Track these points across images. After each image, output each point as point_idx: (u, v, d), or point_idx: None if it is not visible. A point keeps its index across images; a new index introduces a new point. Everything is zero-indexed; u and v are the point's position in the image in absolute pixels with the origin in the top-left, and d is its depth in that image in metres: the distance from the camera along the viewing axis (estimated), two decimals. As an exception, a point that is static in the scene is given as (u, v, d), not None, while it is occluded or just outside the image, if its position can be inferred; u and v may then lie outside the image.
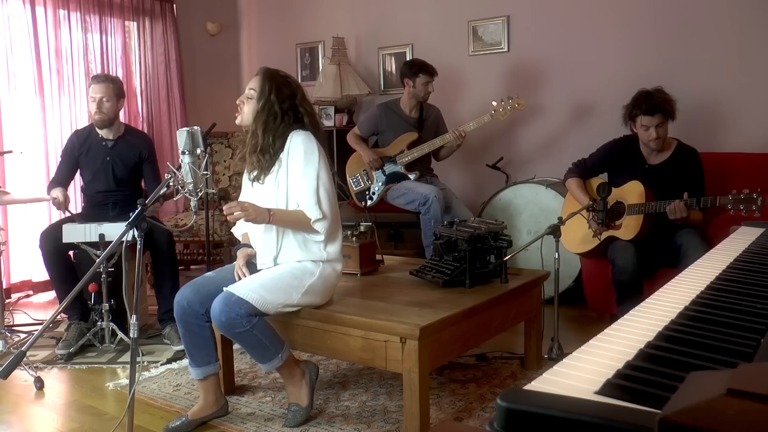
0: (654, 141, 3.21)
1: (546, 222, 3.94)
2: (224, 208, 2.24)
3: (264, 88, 2.36)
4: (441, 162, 4.52)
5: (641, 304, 0.92)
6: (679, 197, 3.04)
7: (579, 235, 3.43)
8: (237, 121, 2.43)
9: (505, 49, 4.60)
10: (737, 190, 2.84)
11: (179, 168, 2.24)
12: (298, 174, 2.35)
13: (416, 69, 4.17)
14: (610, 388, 0.60)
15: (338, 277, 2.48)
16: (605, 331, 0.79)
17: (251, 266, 2.47)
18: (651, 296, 0.96)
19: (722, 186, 3.27)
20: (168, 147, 5.40)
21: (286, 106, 2.37)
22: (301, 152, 2.35)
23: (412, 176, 4.14)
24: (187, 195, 2.19)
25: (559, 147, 4.42)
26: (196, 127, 2.21)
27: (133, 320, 2.06)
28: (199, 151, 2.21)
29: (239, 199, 2.60)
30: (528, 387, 0.61)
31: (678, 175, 3.23)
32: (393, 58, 5.16)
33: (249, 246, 2.50)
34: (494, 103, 4.05)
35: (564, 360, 0.69)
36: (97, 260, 2.07)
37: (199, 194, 2.19)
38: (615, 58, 4.18)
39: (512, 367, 2.91)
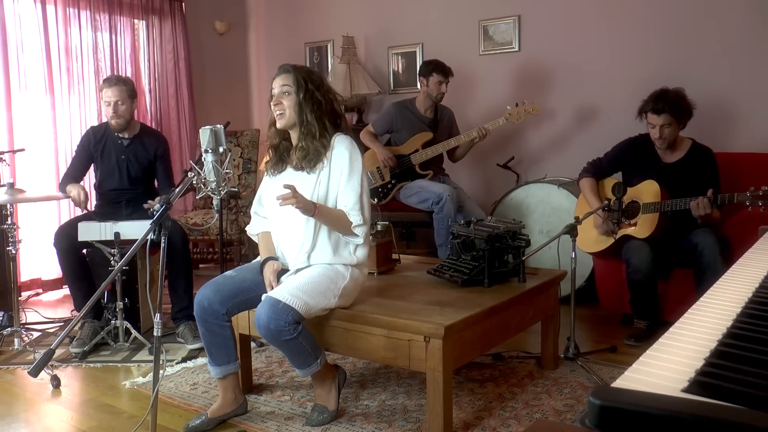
0: (658, 140, 3.22)
1: (558, 222, 3.95)
2: (277, 196, 2.21)
3: (299, 81, 2.36)
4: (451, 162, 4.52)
5: (695, 304, 0.91)
6: (694, 196, 3.05)
7: (593, 234, 3.43)
8: (281, 124, 2.39)
9: (516, 49, 4.60)
10: (755, 187, 2.85)
11: (197, 162, 2.24)
12: (344, 179, 2.36)
13: (431, 68, 4.19)
14: (696, 386, 0.60)
15: (365, 280, 2.50)
16: (671, 329, 0.79)
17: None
18: (703, 296, 0.96)
19: (735, 186, 3.27)
20: (176, 145, 5.39)
21: (323, 92, 2.39)
22: (347, 157, 2.37)
23: (424, 175, 4.16)
24: (209, 193, 2.19)
25: (570, 147, 4.42)
26: (219, 126, 2.21)
27: (156, 319, 2.06)
28: (221, 149, 2.21)
29: (260, 193, 2.60)
30: (614, 385, 0.61)
31: (693, 173, 3.24)
32: (403, 58, 5.15)
33: (275, 258, 2.46)
34: (509, 107, 4.09)
35: (640, 358, 0.69)
36: (123, 258, 2.06)
37: (222, 193, 2.19)
38: (627, 58, 4.18)
39: (529, 367, 2.91)
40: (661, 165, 3.31)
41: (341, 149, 2.39)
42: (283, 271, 2.43)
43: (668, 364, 0.67)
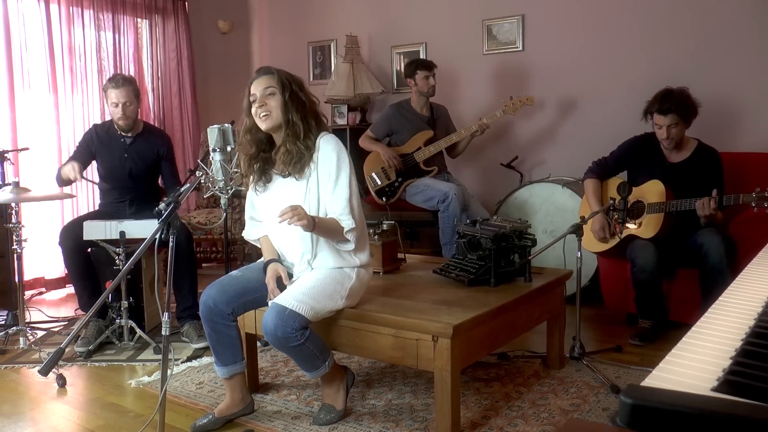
0: (665, 140, 3.23)
1: (562, 221, 3.95)
2: (278, 214, 2.14)
3: (283, 81, 2.32)
4: (455, 161, 4.52)
5: (715, 303, 0.91)
6: (699, 196, 3.05)
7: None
8: (267, 125, 2.32)
9: (520, 48, 4.60)
10: (761, 188, 2.85)
11: (203, 159, 2.24)
12: (331, 182, 2.31)
13: (414, 66, 4.27)
14: (727, 385, 0.60)
15: (370, 279, 2.49)
16: (693, 329, 0.79)
17: (279, 281, 2.38)
18: (722, 295, 0.96)
19: (740, 185, 3.27)
20: (179, 143, 5.38)
21: (305, 93, 2.37)
22: (334, 159, 2.31)
23: (429, 171, 4.17)
24: (217, 192, 2.19)
25: (574, 146, 4.42)
26: (227, 125, 2.21)
27: (165, 318, 2.06)
28: (229, 148, 2.22)
29: (251, 199, 2.56)
30: (644, 384, 0.61)
31: (698, 174, 3.24)
32: (406, 57, 5.14)
33: (278, 260, 2.44)
34: (503, 101, 4.14)
35: (666, 357, 0.69)
36: (131, 257, 2.06)
37: (230, 192, 2.19)
38: (632, 58, 4.18)
39: (534, 366, 2.91)
40: (666, 165, 3.31)
41: (328, 150, 2.33)
42: (288, 274, 2.42)
43: (695, 363, 0.67)
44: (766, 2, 3.75)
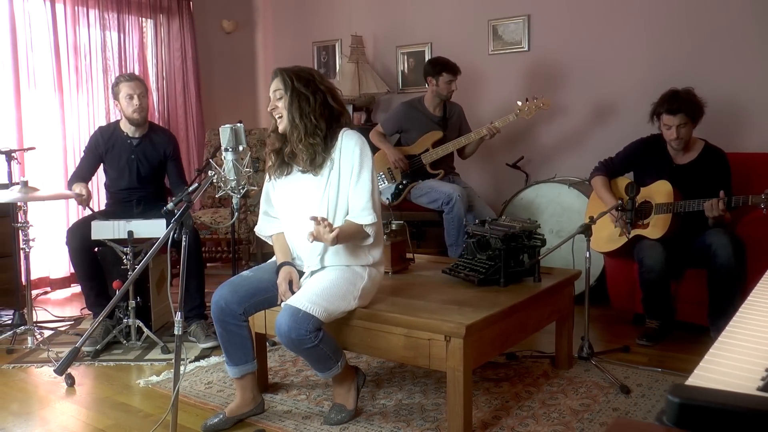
0: (674, 141, 3.23)
1: (568, 222, 3.95)
2: (318, 222, 2.15)
3: (286, 81, 2.33)
4: (461, 160, 4.51)
5: (744, 303, 0.92)
6: (706, 197, 3.05)
7: (604, 234, 3.43)
8: (281, 128, 2.36)
9: (526, 49, 4.60)
10: (770, 189, 2.85)
11: (212, 157, 2.24)
12: (354, 176, 2.32)
13: (439, 68, 4.15)
14: (773, 385, 0.60)
15: (381, 278, 2.49)
16: (727, 329, 0.79)
17: (291, 284, 2.39)
18: (750, 295, 0.96)
19: (747, 186, 3.27)
20: (184, 143, 5.38)
21: (313, 87, 2.33)
22: (357, 154, 2.32)
23: (435, 175, 4.15)
24: (229, 192, 2.19)
25: (580, 147, 4.42)
26: (239, 124, 2.21)
27: (177, 317, 2.05)
28: (241, 148, 2.21)
29: (267, 194, 2.57)
30: (688, 383, 0.61)
31: (705, 175, 3.24)
32: (411, 57, 5.15)
33: (291, 264, 2.44)
34: (519, 103, 4.05)
35: (705, 357, 0.69)
36: (146, 256, 2.06)
37: (242, 192, 2.19)
38: (637, 58, 4.18)
39: (543, 366, 2.91)
40: (673, 166, 3.31)
41: (350, 145, 2.34)
42: (299, 273, 2.42)
43: (735, 363, 0.67)
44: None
